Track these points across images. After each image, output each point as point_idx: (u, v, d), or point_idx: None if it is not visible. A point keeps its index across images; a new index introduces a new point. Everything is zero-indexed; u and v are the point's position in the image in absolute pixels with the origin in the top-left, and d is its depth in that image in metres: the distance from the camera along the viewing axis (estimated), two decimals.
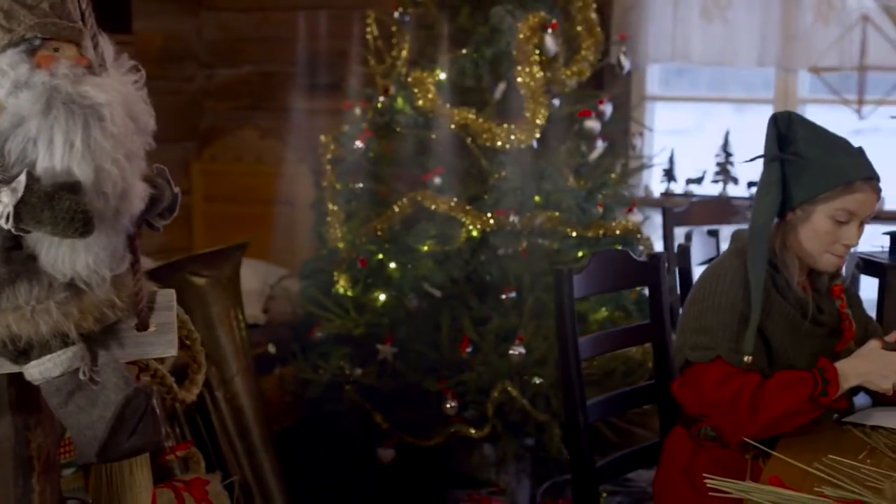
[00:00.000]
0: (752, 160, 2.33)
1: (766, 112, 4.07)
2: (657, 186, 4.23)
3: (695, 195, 4.01)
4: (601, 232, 3.26)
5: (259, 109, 4.77)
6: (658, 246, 3.57)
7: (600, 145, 3.55)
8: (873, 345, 2.11)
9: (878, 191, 2.16)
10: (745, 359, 2.07)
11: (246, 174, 4.73)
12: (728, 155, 4.02)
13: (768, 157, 2.16)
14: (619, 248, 3.24)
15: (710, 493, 1.79)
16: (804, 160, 2.11)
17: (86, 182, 1.56)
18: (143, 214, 1.81)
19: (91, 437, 1.66)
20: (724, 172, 4.03)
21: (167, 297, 1.84)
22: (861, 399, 2.31)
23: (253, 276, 4.10)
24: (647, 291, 2.62)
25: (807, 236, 2.15)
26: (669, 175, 4.13)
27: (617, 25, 4.02)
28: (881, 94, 3.86)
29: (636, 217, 3.42)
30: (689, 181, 4.12)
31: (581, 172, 3.43)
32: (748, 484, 1.80)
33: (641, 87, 4.18)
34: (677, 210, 3.54)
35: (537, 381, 3.17)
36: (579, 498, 2.32)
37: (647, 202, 4.09)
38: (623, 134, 3.86)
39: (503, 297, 3.24)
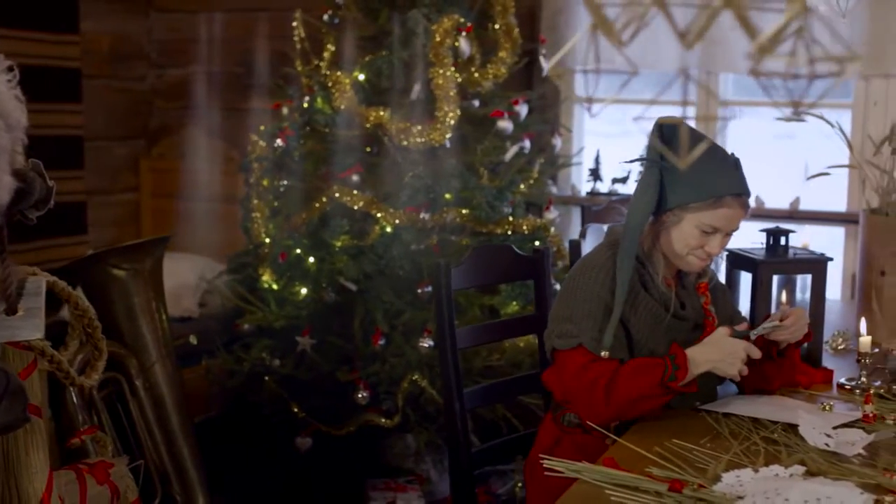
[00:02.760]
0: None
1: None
2: (585, 186, 4.33)
3: (618, 194, 4.12)
4: (509, 229, 3.37)
5: (207, 108, 4.87)
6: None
7: (527, 144, 3.66)
8: (722, 332, 2.21)
9: (746, 206, 2.26)
10: (603, 353, 2.18)
11: (192, 172, 4.84)
12: None
13: (648, 161, 2.27)
14: (538, 244, 3.37)
15: (546, 474, 1.91)
16: (680, 169, 2.21)
17: None
18: (16, 206, 1.91)
19: None
20: None
21: (36, 283, 1.95)
22: (729, 388, 2.42)
23: (189, 270, 4.22)
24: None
25: (674, 239, 2.26)
26: (595, 175, 4.24)
27: (546, 29, 4.12)
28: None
29: (551, 215, 3.53)
30: (614, 181, 4.23)
31: (497, 171, 3.54)
32: (581, 464, 1.91)
33: (569, 88, 4.28)
34: (596, 208, 3.65)
35: None
36: (455, 483, 2.42)
37: (573, 201, 4.20)
38: (550, 134, 3.97)
39: (420, 291, 3.35)
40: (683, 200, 2.22)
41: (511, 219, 3.40)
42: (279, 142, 3.48)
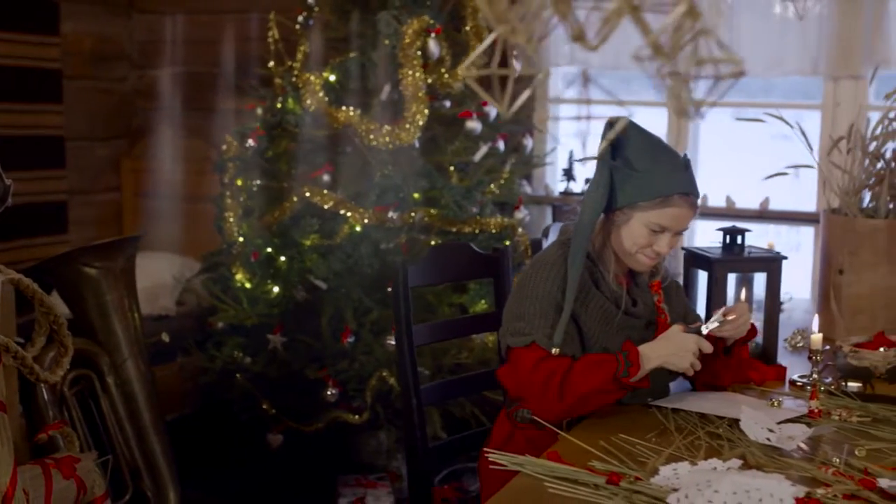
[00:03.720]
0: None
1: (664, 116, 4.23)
2: (559, 186, 4.37)
3: None
4: (477, 228, 3.40)
5: (188, 109, 4.91)
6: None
7: (500, 144, 3.70)
8: (675, 328, 2.25)
9: (695, 206, 2.30)
10: (553, 350, 2.21)
11: (172, 171, 4.88)
12: None
13: (599, 160, 2.30)
14: (508, 243, 3.40)
15: (490, 467, 1.94)
16: (629, 169, 2.25)
17: None
18: None
19: None
20: None
21: None
22: (684, 384, 2.46)
23: (167, 269, 4.26)
24: None
25: (624, 237, 2.29)
26: (568, 175, 4.27)
27: None
28: None
29: (520, 214, 3.57)
30: (587, 181, 4.25)
31: (466, 171, 3.58)
32: (524, 458, 1.94)
33: (545, 89, 4.30)
34: (566, 208, 3.69)
35: None
36: (413, 478, 2.46)
37: (546, 200, 4.23)
38: (522, 135, 3.99)
39: (388, 289, 3.38)
40: (632, 199, 2.25)
41: (479, 218, 3.43)
42: (251, 142, 3.52)
